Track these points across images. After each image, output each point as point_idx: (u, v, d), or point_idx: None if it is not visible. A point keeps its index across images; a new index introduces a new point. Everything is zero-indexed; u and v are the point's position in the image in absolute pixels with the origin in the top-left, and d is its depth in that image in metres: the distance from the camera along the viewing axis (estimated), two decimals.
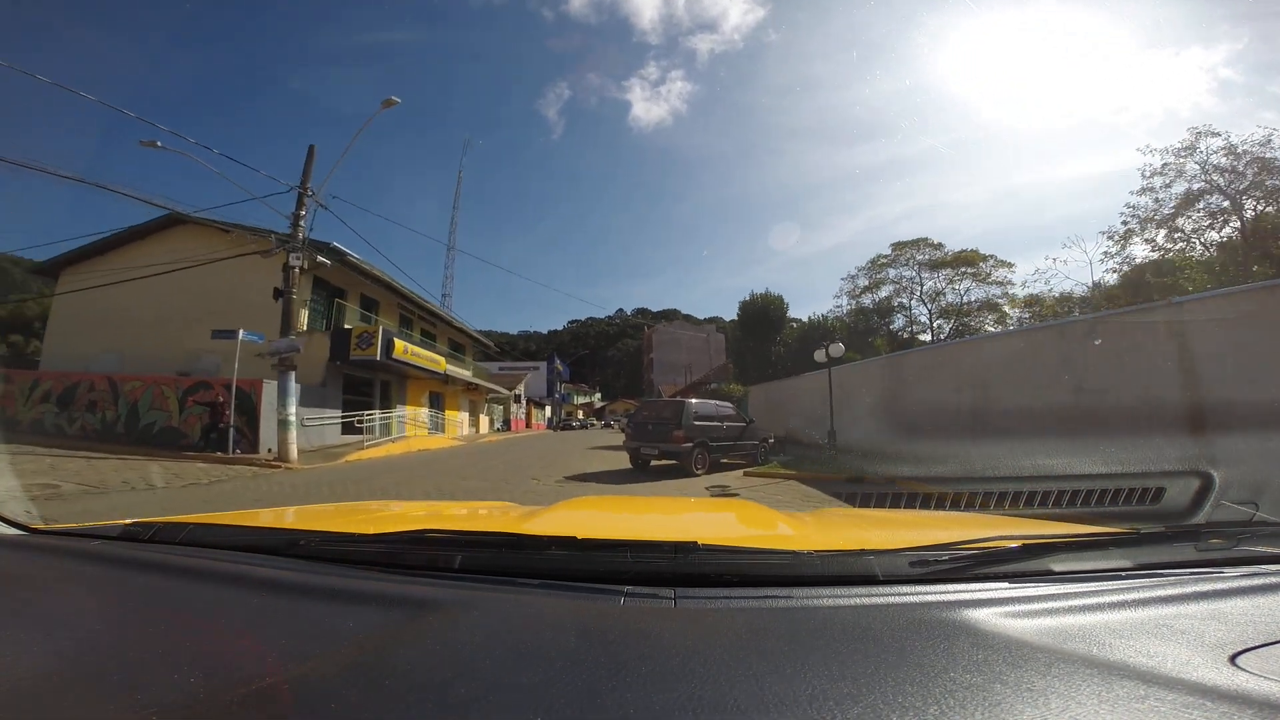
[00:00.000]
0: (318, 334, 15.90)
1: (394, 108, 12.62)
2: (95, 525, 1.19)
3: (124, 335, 16.21)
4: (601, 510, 1.85)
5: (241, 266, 15.36)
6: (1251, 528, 1.09)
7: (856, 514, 2.14)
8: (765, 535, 1.35)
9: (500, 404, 37.40)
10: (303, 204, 12.68)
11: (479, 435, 28.67)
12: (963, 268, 34.14)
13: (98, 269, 17.33)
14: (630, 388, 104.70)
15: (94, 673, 0.61)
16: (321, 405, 15.02)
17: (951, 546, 0.92)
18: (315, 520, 1.39)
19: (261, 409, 12.51)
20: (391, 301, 21.26)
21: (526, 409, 44.67)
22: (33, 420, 14.09)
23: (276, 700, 0.54)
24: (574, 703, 0.52)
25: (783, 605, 0.76)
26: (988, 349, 9.43)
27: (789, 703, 0.52)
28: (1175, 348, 5.74)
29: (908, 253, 35.19)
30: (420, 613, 0.74)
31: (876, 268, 35.83)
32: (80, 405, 13.94)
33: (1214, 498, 3.48)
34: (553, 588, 0.82)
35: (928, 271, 34.83)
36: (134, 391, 13.63)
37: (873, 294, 36.31)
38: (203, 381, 13.12)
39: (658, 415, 10.50)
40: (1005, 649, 0.62)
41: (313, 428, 14.40)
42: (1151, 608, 0.76)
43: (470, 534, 1.05)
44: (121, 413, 13.54)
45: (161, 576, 0.93)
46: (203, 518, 1.20)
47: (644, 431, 10.38)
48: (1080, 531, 1.21)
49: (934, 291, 34.79)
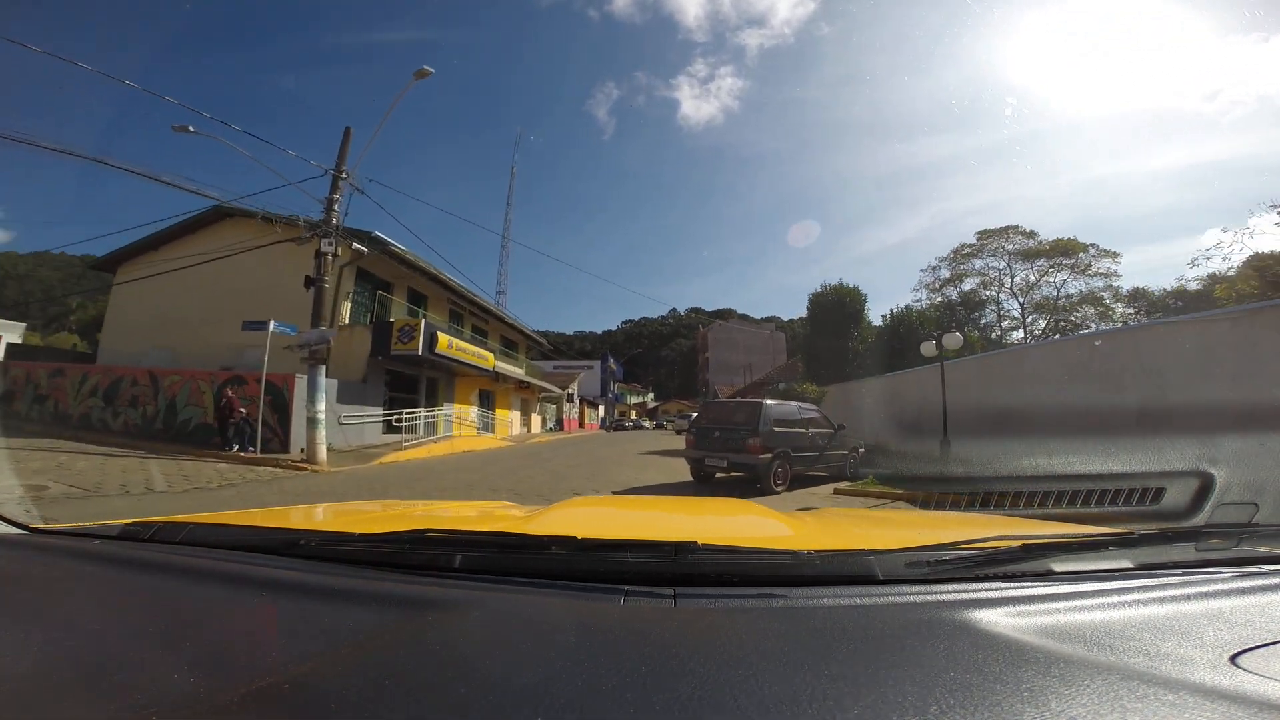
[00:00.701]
0: (359, 328, 15.02)
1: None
2: (95, 525, 1.18)
3: (175, 331, 15.93)
4: (601, 510, 1.84)
5: (287, 260, 14.81)
6: (1251, 528, 1.11)
7: (856, 514, 2.36)
8: (765, 535, 1.34)
9: (553, 403, 36.46)
10: (337, 186, 11.70)
11: (530, 435, 27.65)
12: (1059, 258, 30.74)
13: (152, 262, 17.34)
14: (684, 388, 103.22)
15: (94, 673, 0.61)
16: (361, 402, 14.08)
17: (951, 546, 0.92)
18: (315, 520, 1.40)
19: (293, 406, 11.60)
20: (440, 296, 20.38)
21: (579, 408, 43.62)
22: (81, 414, 13.88)
23: (276, 700, 0.53)
24: (574, 703, 0.51)
25: (783, 605, 0.76)
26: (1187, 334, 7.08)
27: (789, 702, 0.51)
28: None
29: (994, 242, 32.35)
30: (420, 613, 0.73)
31: (959, 258, 33.13)
32: (124, 400, 13.60)
33: (1214, 498, 3.41)
34: (553, 587, 0.81)
35: (1021, 261, 31.83)
36: (172, 387, 13.11)
37: (955, 286, 33.48)
38: (237, 376, 12.37)
39: (728, 419, 8.64)
40: (1005, 649, 0.62)
41: (351, 426, 13.47)
42: (1151, 608, 0.75)
43: (470, 534, 1.04)
44: (161, 408, 13.05)
45: (161, 576, 0.92)
46: (203, 517, 1.19)
47: (710, 439, 8.55)
48: (1080, 532, 1.22)
49: (1026, 284, 31.76)
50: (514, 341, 29.23)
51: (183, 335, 15.74)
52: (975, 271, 32.84)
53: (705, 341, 73.20)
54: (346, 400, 13.49)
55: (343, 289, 15.32)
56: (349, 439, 13.29)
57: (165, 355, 15.97)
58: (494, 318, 25.44)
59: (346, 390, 13.64)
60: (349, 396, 13.65)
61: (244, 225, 15.87)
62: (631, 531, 1.27)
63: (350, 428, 13.45)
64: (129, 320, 17.42)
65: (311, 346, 10.82)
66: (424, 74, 11.36)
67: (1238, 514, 3.00)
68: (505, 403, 25.90)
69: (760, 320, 76.75)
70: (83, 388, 14.17)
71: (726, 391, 48.74)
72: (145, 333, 16.66)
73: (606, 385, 56.69)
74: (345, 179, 11.78)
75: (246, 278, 14.51)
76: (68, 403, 14.31)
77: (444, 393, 19.12)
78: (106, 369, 14.57)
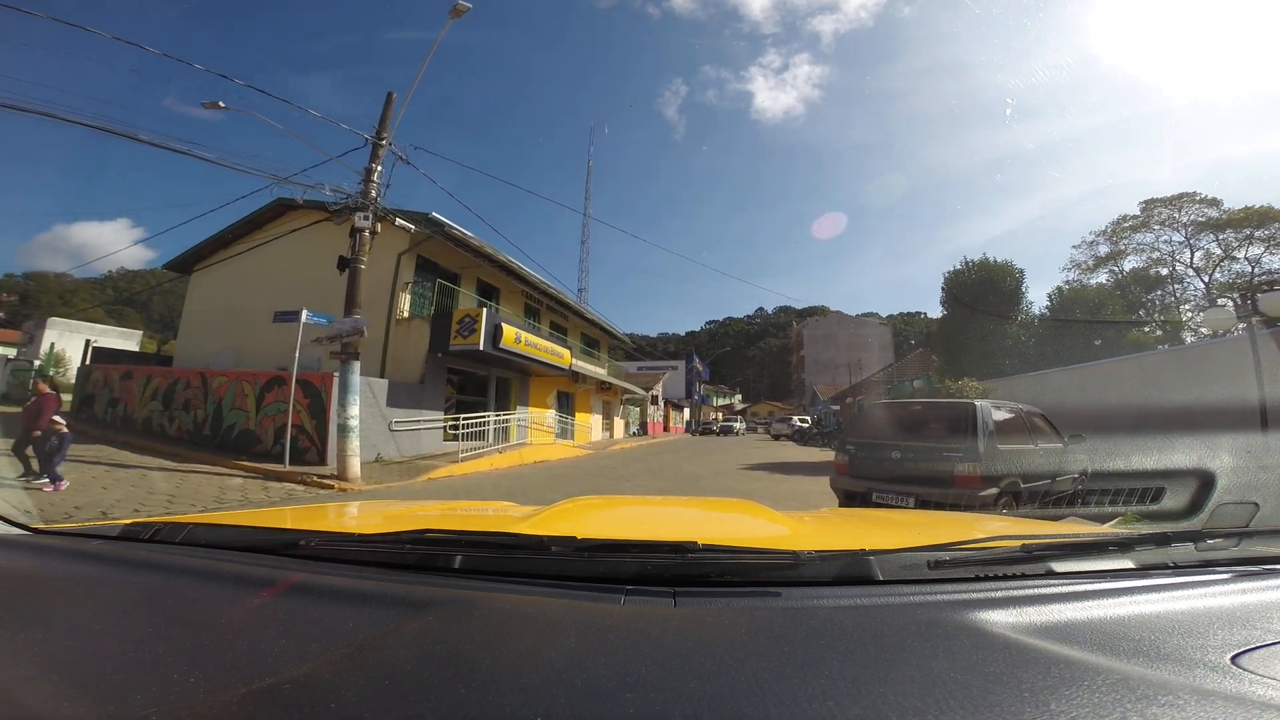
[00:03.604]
0: (416, 321, 13.26)
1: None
2: (95, 525, 1.20)
3: (241, 331, 15.03)
4: (601, 510, 1.81)
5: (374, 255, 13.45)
6: (1251, 529, 1.13)
7: (857, 514, 2.30)
8: (765, 535, 1.35)
9: (636, 405, 34.11)
10: (377, 155, 9.85)
11: (612, 440, 25.40)
12: (1250, 229, 26.16)
13: (223, 260, 16.82)
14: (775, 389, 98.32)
15: (94, 673, 0.60)
16: (418, 406, 12.25)
17: (952, 547, 0.91)
18: (315, 520, 1.40)
19: (331, 410, 9.83)
20: (514, 290, 18.52)
21: (664, 411, 40.96)
22: (144, 419, 13.19)
23: (276, 700, 0.53)
24: (574, 703, 0.51)
25: (783, 605, 0.76)
26: None
27: (789, 702, 0.51)
28: None
29: (1163, 211, 27.91)
30: (420, 613, 0.72)
31: (1120, 232, 28.86)
32: (178, 404, 12.69)
33: (1215, 498, 3.35)
34: (553, 588, 0.81)
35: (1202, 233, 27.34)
36: (219, 389, 11.93)
37: (1116, 264, 29.28)
38: (277, 377, 10.87)
39: (916, 429, 5.52)
40: (1005, 649, 0.62)
41: (405, 434, 11.64)
42: (1152, 609, 0.75)
43: (470, 534, 1.03)
44: (209, 413, 11.92)
45: (161, 576, 0.92)
46: (203, 517, 1.19)
47: (882, 462, 5.33)
48: (1080, 532, 1.26)
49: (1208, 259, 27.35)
50: (595, 340, 27.19)
51: (248, 335, 14.76)
52: (1141, 246, 28.76)
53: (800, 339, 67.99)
54: (400, 403, 11.68)
55: (401, 279, 13.67)
56: (402, 448, 11.47)
57: (229, 356, 15.20)
58: (573, 313, 23.43)
59: (401, 392, 11.85)
60: (403, 399, 11.84)
61: (307, 216, 14.75)
62: (631, 532, 1.28)
63: (404, 435, 11.63)
64: (201, 321, 16.98)
65: (344, 338, 8.94)
66: (460, 11, 9.16)
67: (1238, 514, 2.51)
68: (585, 405, 23.78)
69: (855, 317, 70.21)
70: (146, 390, 13.51)
71: (827, 393, 44.17)
72: (215, 334, 16.02)
73: (692, 386, 53.67)
74: (386, 145, 9.94)
75: (311, 270, 13.15)
76: (134, 406, 13.75)
77: (517, 395, 17.15)
78: (167, 371, 13.83)
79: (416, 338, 12.95)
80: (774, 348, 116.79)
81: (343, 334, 8.95)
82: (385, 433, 11.17)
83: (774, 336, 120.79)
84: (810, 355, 62.15)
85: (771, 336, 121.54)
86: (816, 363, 59.52)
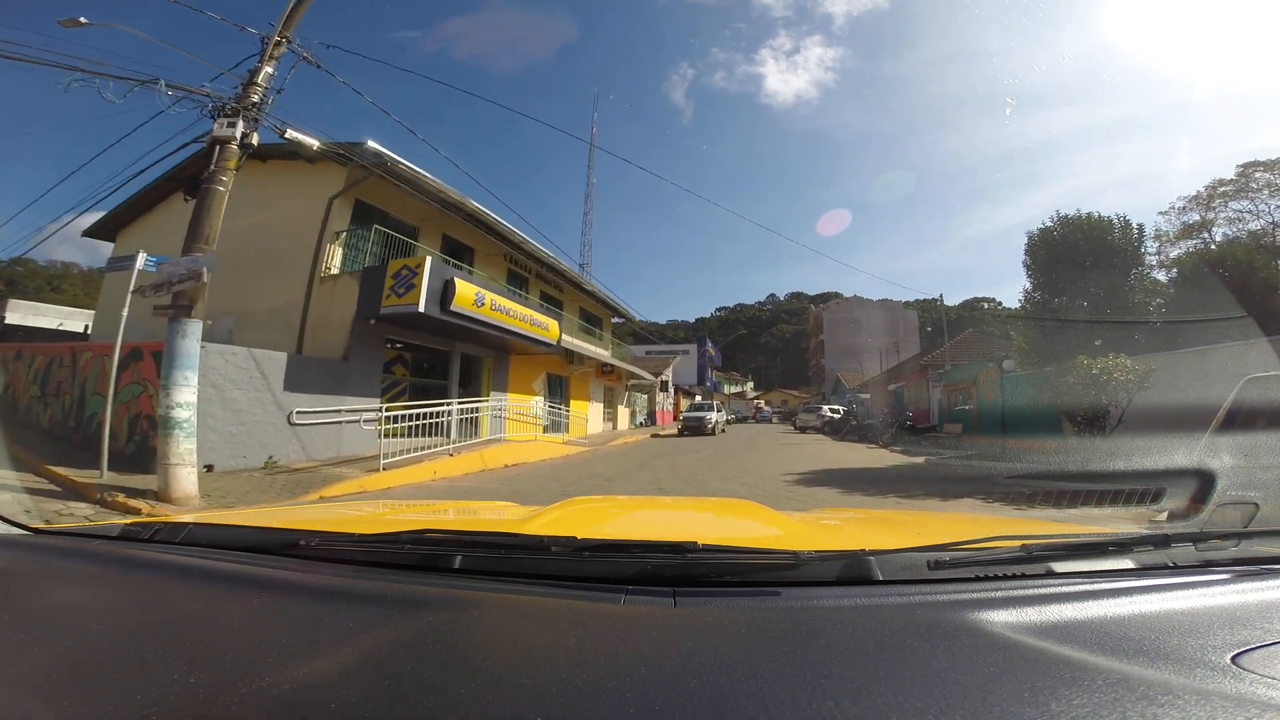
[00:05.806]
0: (345, 278, 9.98)
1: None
2: (95, 525, 1.22)
3: None
4: (601, 510, 1.81)
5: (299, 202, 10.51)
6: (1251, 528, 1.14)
7: (856, 514, 2.25)
8: (765, 535, 1.34)
9: (644, 392, 30.79)
10: (270, 52, 6.65)
11: (615, 433, 22.15)
12: None
13: (155, 222, 13.67)
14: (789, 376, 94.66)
15: (94, 673, 0.60)
16: (338, 390, 9.03)
17: (951, 547, 0.90)
18: (315, 520, 1.39)
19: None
20: (495, 250, 15.11)
21: (674, 398, 37.58)
22: (25, 406, 10.21)
23: (276, 700, 0.53)
24: (574, 703, 0.51)
25: (782, 605, 0.76)
26: None
27: (789, 703, 0.51)
28: None
29: (1267, 175, 24.52)
30: (420, 613, 0.72)
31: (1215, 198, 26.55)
32: (50, 389, 9.66)
33: (1215, 497, 3.27)
34: (552, 588, 0.81)
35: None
36: (85, 367, 8.85)
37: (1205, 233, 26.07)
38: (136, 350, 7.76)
39: None
40: (1005, 649, 0.62)
41: (314, 428, 8.44)
42: (1152, 609, 0.75)
43: (470, 534, 1.03)
44: (75, 399, 8.87)
45: (161, 576, 0.92)
46: (202, 517, 1.19)
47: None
48: (1080, 532, 1.21)
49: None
50: (597, 317, 23.85)
51: None
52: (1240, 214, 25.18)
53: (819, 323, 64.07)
54: (310, 387, 8.48)
55: (332, 228, 10.41)
56: (311, 450, 8.28)
57: (145, 329, 12.10)
58: (570, 283, 20.06)
59: (312, 371, 8.64)
60: (316, 381, 8.63)
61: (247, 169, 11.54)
62: (631, 532, 1.31)
63: (314, 431, 8.43)
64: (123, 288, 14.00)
65: (174, 284, 5.71)
66: None
67: (1238, 514, 2.64)
68: (582, 392, 20.51)
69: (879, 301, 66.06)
70: (30, 373, 10.48)
71: (852, 381, 40.58)
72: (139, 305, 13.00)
73: (704, 372, 50.21)
74: (284, 43, 6.73)
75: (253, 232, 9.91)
76: (19, 391, 10.74)
77: (492, 378, 13.90)
78: (49, 349, 10.76)
79: (344, 299, 9.71)
80: (786, 334, 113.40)
81: (173, 279, 5.71)
82: (282, 427, 7.98)
83: (786, 323, 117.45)
84: (830, 340, 58.34)
85: (784, 323, 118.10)
86: (837, 348, 55.71)
